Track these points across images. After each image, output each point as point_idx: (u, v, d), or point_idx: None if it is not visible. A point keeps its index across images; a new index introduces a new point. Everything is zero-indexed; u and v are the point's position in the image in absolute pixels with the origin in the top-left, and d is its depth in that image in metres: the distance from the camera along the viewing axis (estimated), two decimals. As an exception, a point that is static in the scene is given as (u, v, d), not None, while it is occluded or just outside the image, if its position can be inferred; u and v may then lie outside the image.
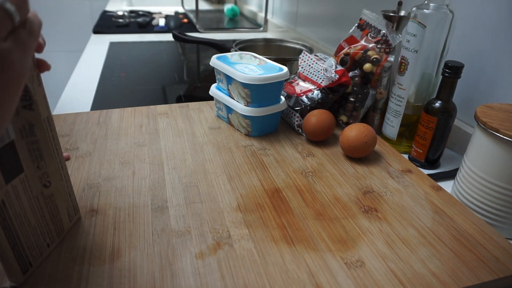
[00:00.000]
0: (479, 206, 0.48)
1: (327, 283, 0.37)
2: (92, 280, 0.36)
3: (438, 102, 0.56)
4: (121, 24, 1.52)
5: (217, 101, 0.69)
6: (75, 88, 0.88)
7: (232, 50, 0.88)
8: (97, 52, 1.17)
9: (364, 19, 0.69)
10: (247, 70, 0.61)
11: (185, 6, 1.93)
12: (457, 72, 0.54)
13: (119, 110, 0.71)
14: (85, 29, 2.43)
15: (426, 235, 0.43)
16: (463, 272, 0.39)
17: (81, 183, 0.50)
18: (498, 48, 0.57)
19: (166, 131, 0.64)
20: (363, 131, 0.57)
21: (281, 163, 0.57)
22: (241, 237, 0.42)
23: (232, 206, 0.47)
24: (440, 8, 0.55)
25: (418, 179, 0.54)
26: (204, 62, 1.16)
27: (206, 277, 0.37)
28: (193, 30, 1.48)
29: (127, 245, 0.40)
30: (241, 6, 1.93)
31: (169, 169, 0.54)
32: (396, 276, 0.38)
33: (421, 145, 0.60)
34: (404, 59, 0.60)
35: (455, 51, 0.65)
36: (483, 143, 0.47)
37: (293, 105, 0.67)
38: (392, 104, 0.64)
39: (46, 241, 0.38)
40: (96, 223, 0.43)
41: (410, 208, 0.48)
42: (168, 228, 0.43)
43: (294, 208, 0.47)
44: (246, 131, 0.64)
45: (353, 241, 0.42)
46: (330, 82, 0.65)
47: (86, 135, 0.62)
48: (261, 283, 0.36)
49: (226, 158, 0.57)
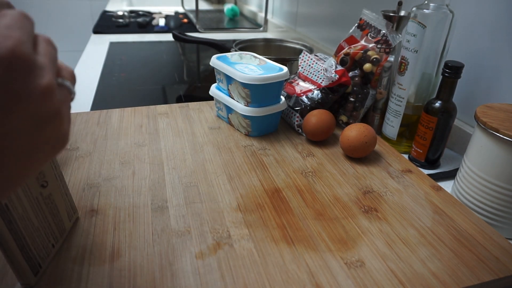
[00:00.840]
0: (479, 206, 0.48)
1: (327, 283, 0.37)
2: (92, 280, 0.36)
3: (438, 102, 0.56)
4: (121, 24, 1.52)
5: (217, 101, 0.69)
6: (75, 88, 0.88)
7: (232, 50, 0.88)
8: (97, 52, 1.17)
9: (364, 19, 0.69)
10: (247, 70, 0.61)
11: (185, 6, 1.93)
12: (457, 72, 0.54)
13: (119, 110, 0.71)
14: (85, 29, 2.43)
15: (426, 235, 0.43)
16: (463, 272, 0.39)
17: (81, 183, 0.50)
18: (497, 48, 0.57)
19: (166, 131, 0.64)
20: (363, 131, 0.57)
21: (281, 163, 0.57)
22: (241, 237, 0.42)
23: (232, 206, 0.47)
24: (440, 8, 0.55)
25: (418, 179, 0.54)
26: (204, 62, 1.16)
27: (206, 277, 0.37)
28: (193, 30, 1.48)
29: (127, 245, 0.40)
30: (241, 6, 1.93)
31: (169, 169, 0.54)
32: (396, 276, 0.38)
33: (421, 145, 0.60)
34: (404, 59, 0.60)
35: (455, 51, 0.65)
36: (483, 143, 0.47)
37: (293, 105, 0.67)
38: (392, 104, 0.64)
39: (50, 242, 0.38)
40: (96, 223, 0.43)
41: (410, 208, 0.48)
42: (168, 228, 0.43)
43: (294, 208, 0.47)
44: (246, 131, 0.64)
45: (353, 241, 0.42)
46: (330, 82, 0.65)
47: (86, 135, 0.62)
48: (261, 283, 0.36)
49: (226, 158, 0.57)
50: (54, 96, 0.22)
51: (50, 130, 0.22)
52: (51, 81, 0.21)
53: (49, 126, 0.22)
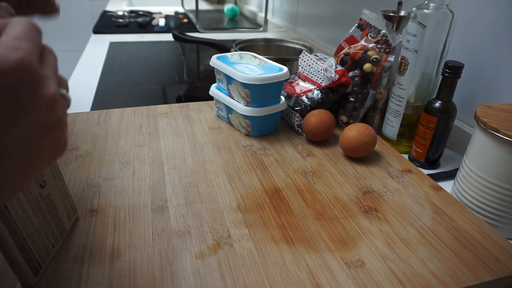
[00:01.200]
0: (479, 206, 0.48)
1: (327, 283, 0.37)
2: (92, 280, 0.36)
3: (438, 102, 0.56)
4: (121, 24, 1.52)
5: (217, 101, 0.69)
6: (75, 88, 0.88)
7: (232, 50, 0.88)
8: (97, 52, 1.17)
9: (364, 19, 0.69)
10: (247, 70, 0.61)
11: (185, 6, 1.93)
12: (457, 72, 0.54)
13: (119, 110, 0.71)
14: (85, 29, 2.43)
15: (426, 235, 0.43)
16: (463, 272, 0.39)
17: (81, 183, 0.50)
18: (497, 48, 0.57)
19: (166, 131, 0.64)
20: (363, 131, 0.57)
21: (281, 163, 0.57)
22: (241, 237, 0.42)
23: (232, 206, 0.47)
24: (440, 8, 0.55)
25: (418, 179, 0.54)
26: (204, 62, 1.16)
27: (206, 277, 0.37)
28: (193, 30, 1.48)
29: (127, 245, 0.40)
30: (241, 6, 1.93)
31: (169, 169, 0.54)
32: (396, 276, 0.38)
33: (421, 145, 0.60)
34: (404, 59, 0.60)
35: (455, 51, 0.65)
36: (483, 143, 0.47)
37: (293, 105, 0.67)
38: (392, 104, 0.64)
39: (50, 242, 0.38)
40: (96, 223, 0.43)
41: (410, 208, 0.48)
42: (168, 228, 0.43)
43: (294, 208, 0.47)
44: (246, 131, 0.64)
45: (353, 241, 0.42)
46: (330, 82, 0.65)
47: (86, 135, 0.62)
48: (261, 283, 0.36)
49: (226, 158, 0.57)
50: (58, 106, 0.23)
51: (52, 137, 0.23)
52: (56, 92, 0.22)
53: (52, 134, 0.23)
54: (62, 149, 0.25)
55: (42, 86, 0.21)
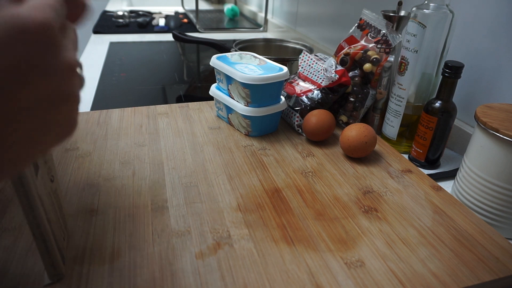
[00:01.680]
0: (479, 206, 0.48)
1: (327, 283, 0.37)
2: (92, 280, 0.36)
3: (438, 102, 0.56)
4: (121, 24, 1.52)
5: (217, 101, 0.69)
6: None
7: (232, 50, 0.88)
8: (97, 52, 1.17)
9: (364, 19, 0.69)
10: (247, 70, 0.61)
11: (185, 6, 1.93)
12: (457, 72, 0.54)
13: (119, 110, 0.71)
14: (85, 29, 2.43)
15: (426, 235, 0.43)
16: (463, 272, 0.39)
17: (81, 183, 0.50)
18: (497, 48, 0.57)
19: (166, 131, 0.64)
20: (363, 131, 0.57)
21: (281, 163, 0.57)
22: (241, 237, 0.42)
23: (232, 206, 0.47)
24: (440, 8, 0.55)
25: (418, 179, 0.54)
26: (204, 62, 1.16)
27: (206, 277, 0.37)
28: (193, 30, 1.48)
29: (127, 245, 0.40)
30: (241, 6, 1.93)
31: (169, 169, 0.54)
32: (396, 276, 0.38)
33: (421, 145, 0.60)
34: (404, 59, 0.60)
35: (455, 51, 0.65)
36: (483, 143, 0.47)
37: (293, 105, 0.67)
38: (392, 104, 0.64)
39: (62, 235, 0.38)
40: (96, 223, 0.43)
41: (410, 208, 0.48)
42: (168, 228, 0.43)
43: (294, 208, 0.47)
44: (246, 131, 0.64)
45: (353, 241, 0.42)
46: (330, 82, 0.65)
47: (86, 135, 0.62)
48: (261, 283, 0.36)
49: (226, 158, 0.57)
50: (75, 75, 0.22)
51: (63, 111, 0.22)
52: (75, 61, 0.22)
53: (63, 108, 0.22)
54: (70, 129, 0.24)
55: (63, 52, 0.21)
